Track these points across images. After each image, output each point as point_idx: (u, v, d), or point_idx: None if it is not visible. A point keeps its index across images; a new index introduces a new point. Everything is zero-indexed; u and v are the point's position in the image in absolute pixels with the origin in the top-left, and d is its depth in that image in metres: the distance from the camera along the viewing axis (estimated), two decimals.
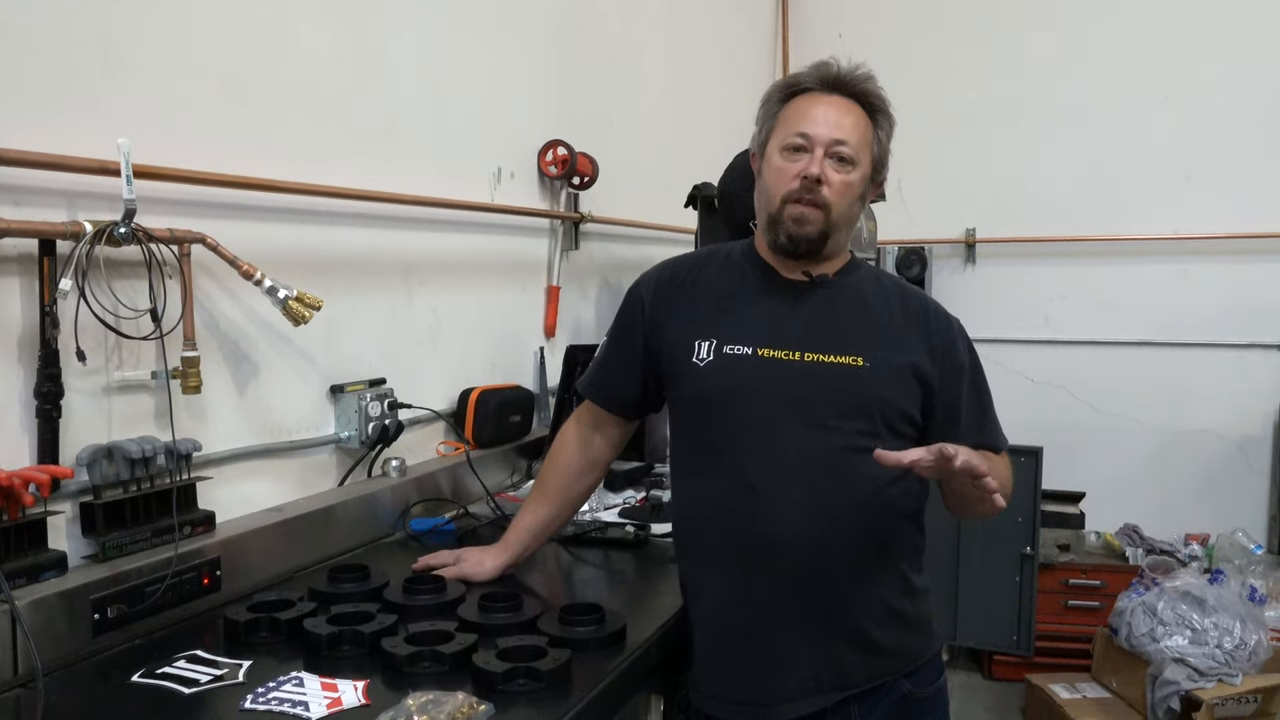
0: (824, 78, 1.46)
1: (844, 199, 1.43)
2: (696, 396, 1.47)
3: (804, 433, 1.39)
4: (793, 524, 1.37)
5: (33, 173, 1.33)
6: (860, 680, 1.41)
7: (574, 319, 2.89)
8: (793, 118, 1.45)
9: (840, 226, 1.45)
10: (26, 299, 1.36)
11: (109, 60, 1.46)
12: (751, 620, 1.40)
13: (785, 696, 1.39)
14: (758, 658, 1.40)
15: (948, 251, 4.58)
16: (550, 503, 1.68)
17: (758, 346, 1.43)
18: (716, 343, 1.45)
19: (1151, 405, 4.34)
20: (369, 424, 1.94)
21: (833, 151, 1.42)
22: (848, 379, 1.41)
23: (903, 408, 1.43)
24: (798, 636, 1.39)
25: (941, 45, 4.52)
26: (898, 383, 1.43)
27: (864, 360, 1.42)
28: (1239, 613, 3.05)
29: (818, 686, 1.39)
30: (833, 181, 1.42)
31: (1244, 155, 4.16)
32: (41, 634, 1.24)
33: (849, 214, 1.46)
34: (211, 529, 1.57)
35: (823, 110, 1.43)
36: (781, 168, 1.44)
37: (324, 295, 1.71)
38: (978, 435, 1.48)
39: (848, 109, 1.44)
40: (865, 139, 1.45)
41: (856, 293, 1.49)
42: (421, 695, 1.13)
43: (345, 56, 1.93)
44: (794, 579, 1.38)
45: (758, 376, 1.42)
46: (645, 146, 3.29)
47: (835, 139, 1.41)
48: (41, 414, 1.36)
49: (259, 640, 1.38)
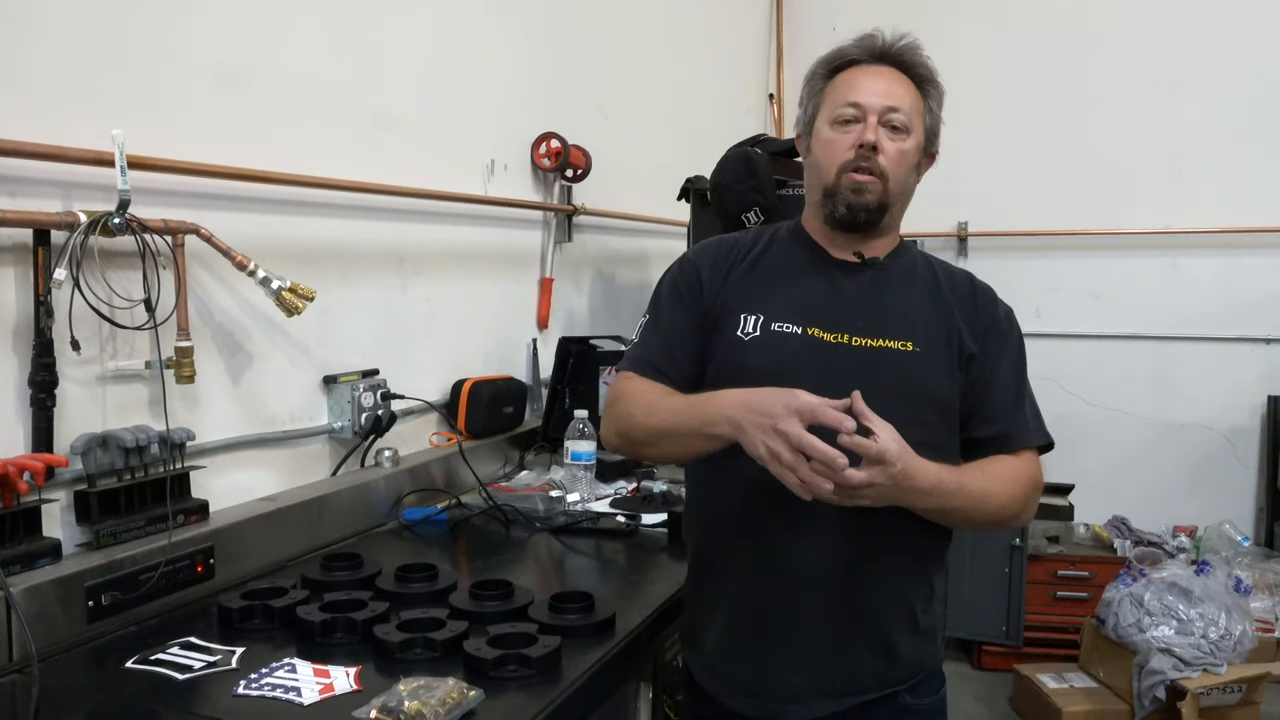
0: (870, 49, 1.42)
1: (900, 167, 1.38)
2: (737, 371, 1.35)
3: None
4: (826, 519, 1.29)
5: (28, 163, 1.35)
6: (873, 687, 1.36)
7: (567, 311, 2.90)
8: (841, 89, 1.40)
9: (897, 198, 1.40)
10: (21, 289, 1.37)
11: (104, 51, 1.46)
12: (776, 614, 1.35)
13: (797, 695, 1.35)
14: (776, 653, 1.35)
15: (939, 244, 4.60)
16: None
17: (806, 326, 1.37)
18: (763, 318, 1.38)
19: (1141, 398, 4.37)
20: (362, 414, 1.95)
21: (886, 120, 1.37)
22: (897, 364, 1.35)
23: (949, 394, 1.37)
24: (817, 634, 1.34)
25: (934, 38, 4.45)
26: (945, 368, 1.37)
27: (914, 345, 1.36)
28: (1225, 603, 3.08)
29: (829, 690, 1.35)
30: (888, 150, 1.36)
31: (1235, 150, 4.18)
32: (36, 620, 1.26)
33: (905, 185, 1.41)
34: (205, 517, 1.59)
35: (871, 80, 1.39)
36: (833, 140, 1.39)
37: (318, 286, 1.72)
38: (1005, 424, 1.39)
39: (896, 78, 1.40)
40: (917, 107, 1.41)
41: (907, 275, 1.43)
42: (413, 681, 1.15)
43: (339, 49, 1.94)
44: (819, 574, 1.32)
45: (805, 357, 1.35)
46: (639, 139, 3.30)
47: (888, 105, 1.37)
48: (36, 403, 1.37)
49: (252, 627, 1.40)
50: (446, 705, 1.10)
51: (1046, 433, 1.44)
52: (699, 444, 1.31)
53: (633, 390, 1.41)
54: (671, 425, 1.34)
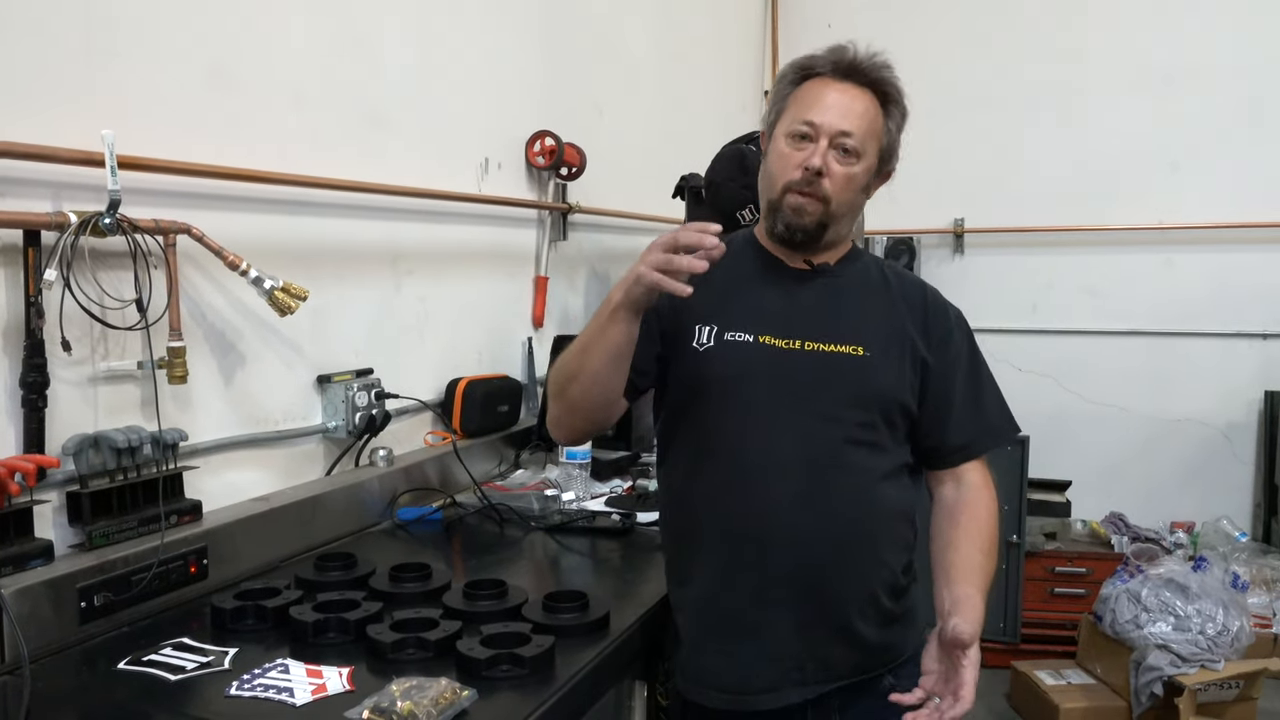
0: (838, 63, 1.43)
1: (845, 191, 1.41)
2: (694, 381, 1.44)
3: (802, 422, 1.38)
4: (786, 514, 1.36)
5: (17, 163, 1.34)
6: (845, 674, 1.41)
7: (562, 309, 2.90)
8: (802, 102, 1.42)
9: (840, 218, 1.44)
10: (11, 289, 1.36)
11: (94, 50, 1.46)
12: (739, 609, 1.39)
13: (768, 686, 1.39)
14: (743, 647, 1.39)
15: (936, 241, 4.61)
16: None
17: (759, 334, 1.41)
18: (717, 328, 1.43)
19: (1138, 394, 4.38)
20: (356, 414, 1.95)
21: (837, 143, 1.39)
22: (848, 368, 1.40)
23: (901, 399, 1.42)
24: (785, 628, 1.38)
25: (930, 36, 4.52)
26: (896, 372, 1.42)
27: (864, 349, 1.41)
28: (1222, 599, 3.08)
29: (802, 678, 1.39)
30: (834, 174, 1.40)
31: (1230, 145, 4.19)
32: (28, 621, 1.25)
33: (850, 205, 1.44)
34: (198, 518, 1.58)
35: (833, 97, 1.41)
36: (785, 154, 1.42)
37: (310, 286, 1.72)
38: (968, 433, 1.48)
39: (858, 97, 1.41)
40: (873, 129, 1.42)
41: (857, 281, 1.48)
42: (405, 681, 1.15)
43: (332, 47, 1.94)
44: (785, 571, 1.37)
45: (758, 364, 1.40)
46: (633, 137, 3.30)
47: (841, 130, 1.39)
48: (27, 404, 1.37)
49: (245, 628, 1.39)
50: (439, 705, 1.10)
51: (1012, 421, 1.53)
52: (612, 334, 1.33)
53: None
54: (586, 338, 1.38)
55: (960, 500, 1.47)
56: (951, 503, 1.48)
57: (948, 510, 1.47)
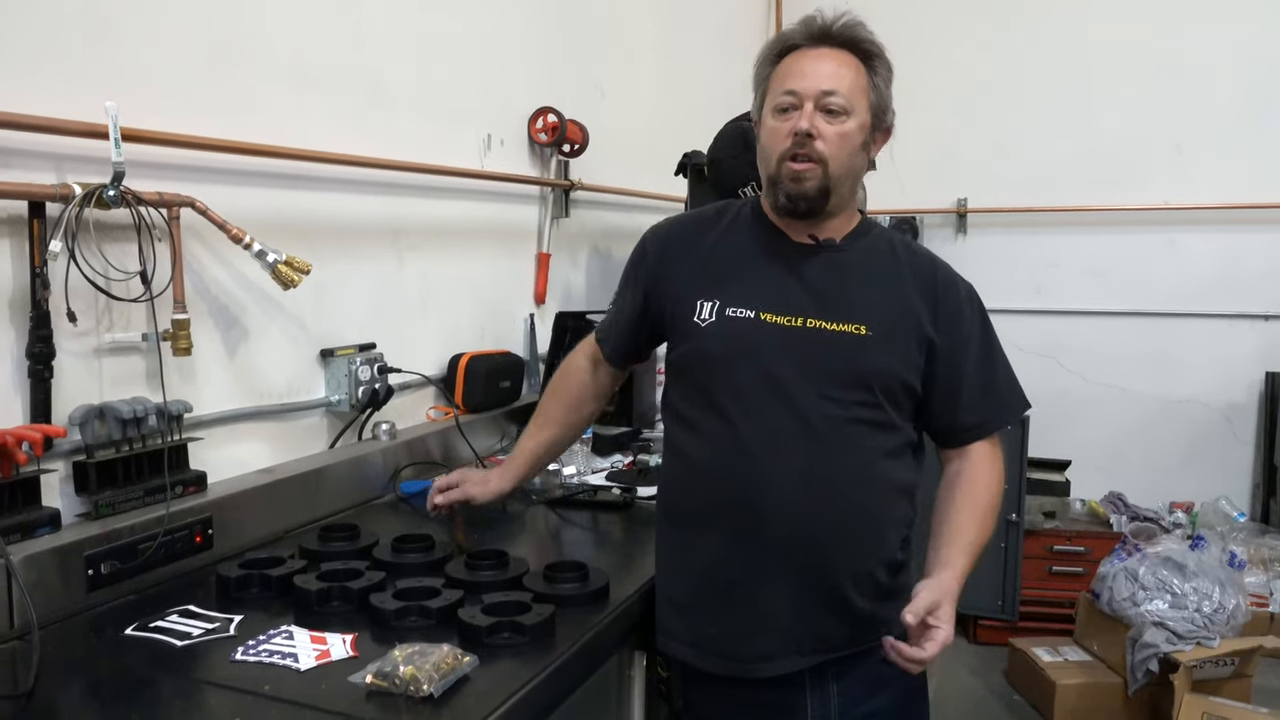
0: (810, 31, 1.43)
1: (841, 150, 1.40)
2: (696, 357, 1.46)
3: (800, 400, 1.39)
4: (782, 490, 1.38)
5: (21, 135, 1.35)
6: (842, 645, 1.43)
7: (564, 286, 2.91)
8: (782, 76, 1.43)
9: (842, 180, 1.42)
10: (17, 261, 1.38)
11: (97, 23, 1.46)
12: (735, 580, 1.41)
13: (764, 654, 1.41)
14: (739, 616, 1.42)
15: (939, 221, 4.60)
16: (553, 426, 1.71)
17: (760, 310, 1.42)
18: (719, 304, 1.44)
19: (1139, 374, 4.38)
20: (359, 388, 1.96)
21: (823, 104, 1.39)
22: (848, 347, 1.40)
23: (903, 378, 1.42)
24: (780, 600, 1.40)
25: (935, 14, 4.50)
26: (900, 352, 1.42)
27: (867, 329, 1.40)
28: (1219, 578, 3.10)
29: (798, 648, 1.41)
30: (826, 134, 1.38)
31: (1234, 126, 4.17)
32: (36, 589, 1.27)
33: (850, 166, 1.42)
34: (203, 489, 1.60)
35: (810, 64, 1.41)
36: (774, 128, 1.42)
37: (313, 260, 1.73)
38: (979, 413, 1.48)
39: (837, 58, 1.41)
40: (859, 86, 1.41)
41: (864, 257, 1.47)
42: (408, 647, 1.16)
43: (335, 22, 1.94)
44: (779, 544, 1.39)
45: (758, 341, 1.41)
46: (636, 114, 3.29)
47: (823, 90, 1.38)
48: (34, 374, 1.38)
49: (250, 596, 1.41)
50: (441, 670, 1.12)
51: (1023, 397, 1.54)
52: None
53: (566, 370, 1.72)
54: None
55: (962, 473, 1.49)
56: (953, 475, 1.50)
57: (948, 482, 1.50)
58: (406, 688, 1.09)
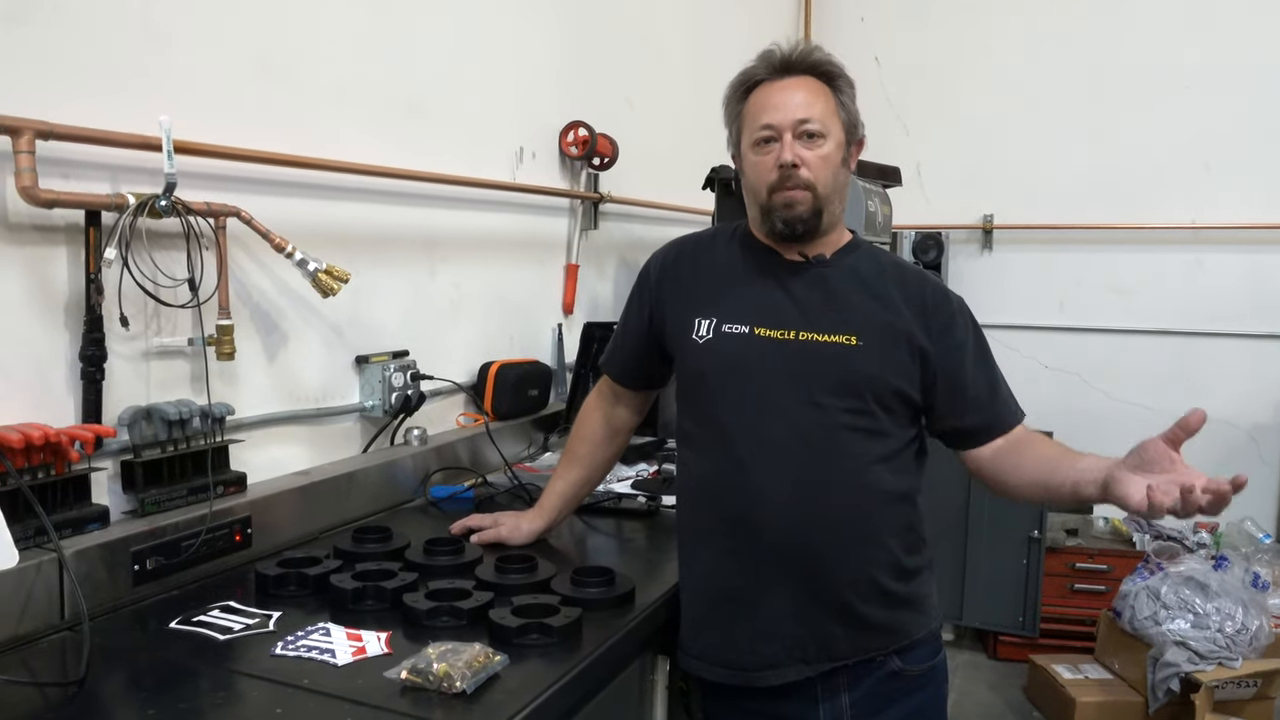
0: (772, 64, 1.49)
1: (825, 171, 1.46)
2: (695, 373, 1.52)
3: (794, 410, 1.43)
4: (777, 499, 1.42)
5: (79, 147, 1.41)
6: (847, 654, 1.45)
7: (591, 297, 2.95)
8: (755, 111, 1.49)
9: (830, 199, 1.48)
10: (73, 267, 1.44)
11: (151, 41, 1.52)
12: (736, 589, 1.46)
13: (769, 663, 1.44)
14: (742, 625, 1.45)
15: (964, 237, 4.61)
16: (580, 467, 1.77)
17: (755, 326, 1.48)
18: (716, 321, 1.50)
19: (1164, 392, 4.36)
20: (392, 394, 2.01)
21: (800, 132, 1.44)
22: (840, 358, 1.44)
23: (896, 385, 1.45)
24: (781, 608, 1.43)
25: (962, 32, 4.52)
26: (891, 361, 1.45)
27: (857, 339, 1.45)
28: (1241, 598, 3.09)
29: (803, 656, 1.44)
30: (809, 160, 1.44)
31: (1263, 146, 4.16)
32: (85, 581, 1.33)
33: (835, 184, 1.48)
34: (243, 489, 1.65)
35: (779, 95, 1.47)
36: (758, 163, 1.48)
37: (350, 269, 1.78)
38: (987, 414, 1.50)
39: (803, 85, 1.47)
40: (829, 109, 1.47)
41: (853, 272, 1.51)
42: (441, 645, 1.21)
43: (373, 39, 2.00)
44: (777, 552, 1.43)
45: (753, 355, 1.46)
46: (664, 128, 3.34)
47: (798, 120, 1.44)
48: (86, 376, 1.44)
49: (287, 593, 1.46)
50: (473, 668, 1.16)
51: (1020, 410, 1.54)
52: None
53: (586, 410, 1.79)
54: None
55: (1008, 444, 1.49)
56: (1001, 449, 1.49)
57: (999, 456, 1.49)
58: (440, 684, 1.13)
